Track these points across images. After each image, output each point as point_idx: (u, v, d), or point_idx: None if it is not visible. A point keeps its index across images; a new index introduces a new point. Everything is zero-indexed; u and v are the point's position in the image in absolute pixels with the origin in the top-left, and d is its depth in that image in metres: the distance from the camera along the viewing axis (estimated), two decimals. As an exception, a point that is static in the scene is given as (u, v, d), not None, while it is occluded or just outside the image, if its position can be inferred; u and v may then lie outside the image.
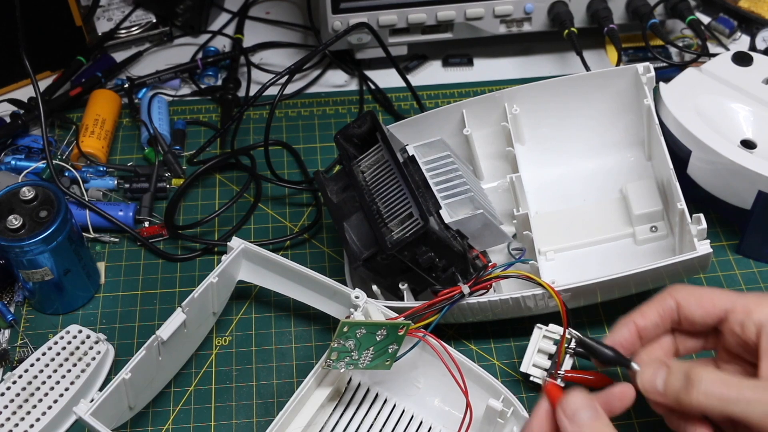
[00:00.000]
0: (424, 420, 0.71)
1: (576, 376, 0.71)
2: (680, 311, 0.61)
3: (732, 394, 0.54)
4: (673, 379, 0.57)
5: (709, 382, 0.55)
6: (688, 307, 0.61)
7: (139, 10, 1.05)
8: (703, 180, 0.81)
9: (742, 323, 0.58)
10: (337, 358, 0.66)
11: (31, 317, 0.80)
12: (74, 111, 0.97)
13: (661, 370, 0.58)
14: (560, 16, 0.96)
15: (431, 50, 1.04)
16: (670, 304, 0.61)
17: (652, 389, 0.58)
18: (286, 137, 0.95)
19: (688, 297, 0.61)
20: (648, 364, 0.59)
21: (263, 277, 0.75)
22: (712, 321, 0.60)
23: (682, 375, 0.56)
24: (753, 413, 0.54)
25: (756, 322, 0.58)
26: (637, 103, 0.82)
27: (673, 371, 0.57)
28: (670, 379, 0.57)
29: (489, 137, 0.85)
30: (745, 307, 0.59)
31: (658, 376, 0.58)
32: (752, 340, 0.58)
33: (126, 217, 0.85)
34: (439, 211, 0.71)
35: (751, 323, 0.58)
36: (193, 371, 0.76)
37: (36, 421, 0.69)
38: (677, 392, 0.56)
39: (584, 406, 0.56)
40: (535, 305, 0.72)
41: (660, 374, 0.58)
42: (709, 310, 0.60)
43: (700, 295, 0.61)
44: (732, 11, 1.03)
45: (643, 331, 0.62)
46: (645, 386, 0.58)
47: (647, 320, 0.61)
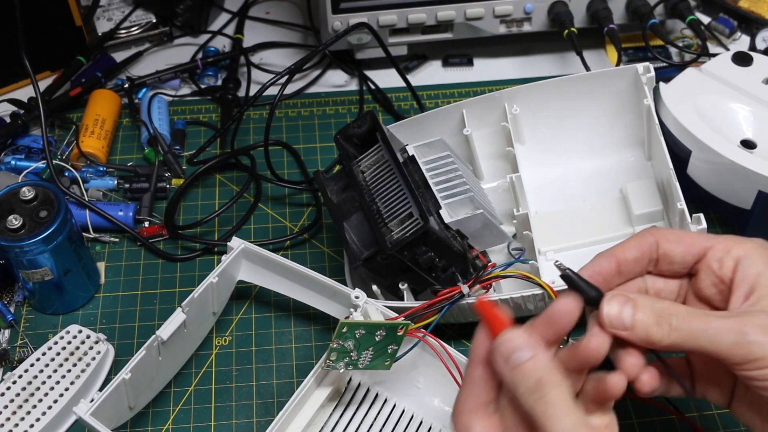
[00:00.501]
0: (424, 420, 0.71)
1: None
2: (660, 248, 0.59)
3: (700, 325, 0.53)
4: (642, 315, 0.54)
5: (679, 316, 0.53)
6: (668, 243, 0.58)
7: (139, 10, 1.05)
8: (703, 180, 0.81)
9: (720, 259, 0.57)
10: (336, 359, 0.66)
11: (31, 317, 0.80)
12: (74, 111, 0.97)
13: (627, 305, 0.54)
14: (560, 16, 0.96)
15: (431, 50, 1.04)
16: (649, 239, 0.59)
17: (619, 324, 0.54)
18: (286, 137, 0.95)
19: (668, 235, 0.59)
20: (613, 298, 0.54)
21: (263, 277, 0.75)
22: (691, 258, 0.58)
23: (651, 310, 0.54)
24: (722, 342, 0.52)
25: (734, 257, 0.57)
26: (637, 103, 0.82)
27: (641, 306, 0.54)
28: (638, 314, 0.54)
29: (489, 137, 0.85)
30: (725, 244, 0.57)
31: (625, 311, 0.54)
32: (728, 276, 0.57)
33: (126, 217, 0.85)
34: (439, 211, 0.71)
35: (729, 258, 0.57)
36: (193, 371, 0.76)
37: (36, 421, 0.69)
38: (647, 328, 0.53)
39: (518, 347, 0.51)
40: (535, 305, 0.72)
41: (626, 309, 0.54)
42: (689, 248, 0.58)
43: (680, 234, 0.59)
44: (732, 11, 1.03)
45: (623, 265, 0.58)
46: (612, 322, 0.54)
47: (627, 253, 0.58)
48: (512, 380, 0.50)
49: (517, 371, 0.50)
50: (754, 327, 0.52)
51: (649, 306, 0.54)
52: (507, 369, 0.51)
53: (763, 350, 0.51)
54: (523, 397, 0.50)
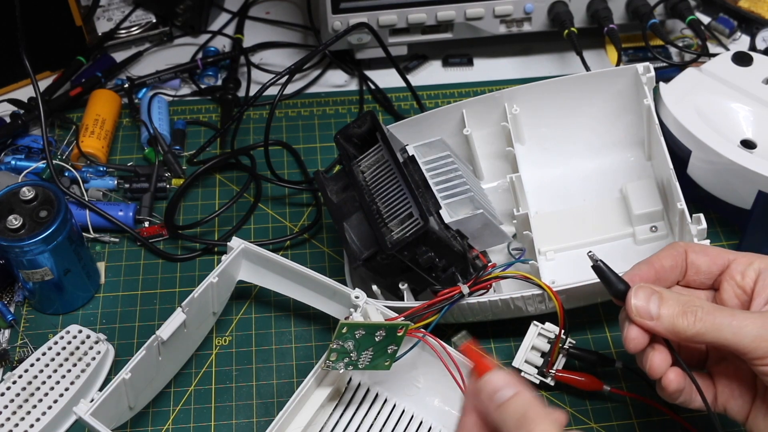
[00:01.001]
0: (424, 420, 0.71)
1: (566, 376, 0.71)
2: (688, 258, 0.62)
3: (725, 318, 0.56)
4: (668, 306, 0.57)
5: (704, 309, 0.57)
6: (694, 254, 0.62)
7: (139, 10, 1.05)
8: (703, 180, 0.81)
9: (743, 271, 0.61)
10: (336, 359, 0.66)
11: (31, 317, 0.80)
12: (74, 111, 0.97)
13: (653, 295, 0.58)
14: (560, 16, 0.96)
15: (431, 50, 1.04)
16: (680, 250, 0.63)
17: (646, 313, 0.57)
18: (286, 137, 0.95)
19: (695, 247, 0.63)
20: (640, 289, 0.58)
21: (263, 277, 0.75)
22: (716, 269, 0.62)
23: (677, 302, 0.57)
24: (745, 336, 0.55)
25: (756, 269, 0.60)
26: (637, 103, 0.82)
27: (667, 298, 0.58)
28: (664, 305, 0.57)
29: (489, 137, 0.85)
30: (748, 257, 0.61)
31: (652, 301, 0.58)
32: (750, 286, 0.60)
33: (126, 217, 0.85)
34: (439, 211, 0.71)
35: (751, 270, 0.61)
36: (193, 371, 0.76)
37: (36, 421, 0.69)
38: (673, 317, 0.57)
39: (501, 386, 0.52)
40: (535, 306, 0.72)
41: (653, 299, 0.58)
42: (714, 259, 0.62)
43: (705, 247, 0.63)
44: (732, 11, 1.03)
45: (660, 272, 0.62)
46: (639, 311, 0.58)
47: (663, 262, 0.62)
48: (500, 418, 0.51)
49: (502, 408, 0.51)
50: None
51: (674, 297, 0.58)
52: (493, 407, 0.51)
53: None
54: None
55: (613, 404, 0.73)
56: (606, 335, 0.77)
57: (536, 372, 0.71)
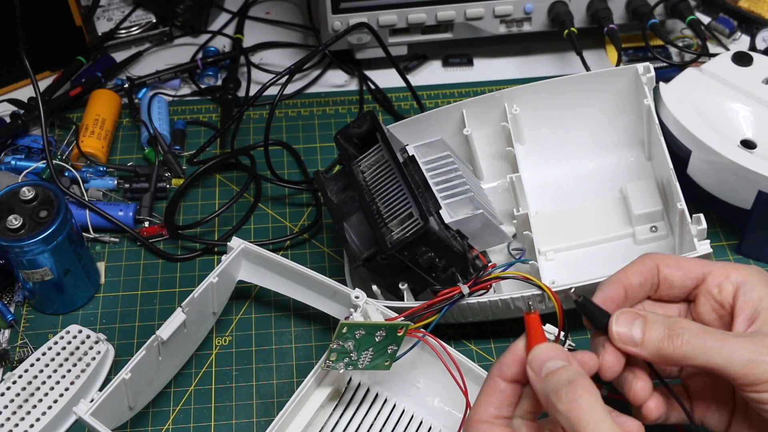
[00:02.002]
0: (424, 420, 0.71)
1: None
2: (660, 273, 0.59)
3: (715, 342, 0.53)
4: (653, 330, 0.54)
5: (692, 331, 0.54)
6: (668, 268, 0.59)
7: (139, 10, 1.05)
8: (703, 180, 0.81)
9: (719, 284, 0.58)
10: (336, 359, 0.66)
11: (31, 317, 0.80)
12: (74, 111, 0.97)
13: (637, 320, 0.55)
14: (560, 16, 0.96)
15: (431, 50, 1.04)
16: (650, 265, 0.59)
17: (628, 340, 0.55)
18: (286, 137, 0.95)
19: (667, 260, 0.60)
20: (622, 314, 0.55)
21: (263, 277, 0.75)
22: (690, 283, 0.59)
23: (663, 325, 0.54)
24: (736, 361, 0.52)
25: (733, 282, 0.57)
26: (637, 103, 0.82)
27: (652, 321, 0.55)
28: (648, 329, 0.54)
29: (489, 137, 0.85)
30: (723, 270, 0.58)
31: (635, 326, 0.55)
32: (728, 301, 0.57)
33: (126, 217, 0.85)
34: (439, 211, 0.71)
35: (728, 283, 0.57)
36: (193, 371, 0.76)
37: (36, 421, 0.69)
38: (657, 342, 0.54)
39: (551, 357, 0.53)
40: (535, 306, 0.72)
41: (636, 324, 0.55)
42: (688, 273, 0.59)
43: (678, 260, 0.60)
44: (732, 11, 1.03)
45: (629, 290, 0.59)
46: (621, 337, 0.55)
47: (631, 278, 0.59)
48: (544, 388, 0.52)
49: (549, 378, 0.52)
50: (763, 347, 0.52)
51: (660, 320, 0.55)
52: (539, 378, 0.52)
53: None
54: (557, 404, 0.50)
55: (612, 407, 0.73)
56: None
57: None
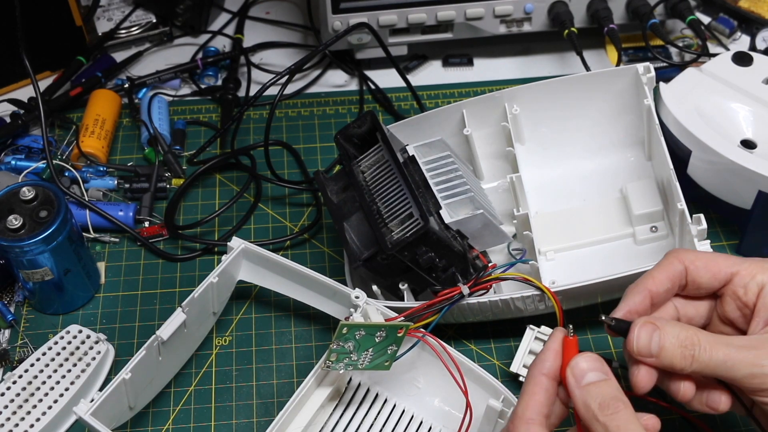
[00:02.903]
0: (424, 420, 0.71)
1: None
2: (688, 275, 0.61)
3: (720, 357, 0.55)
4: (668, 344, 0.56)
5: (701, 346, 0.56)
6: (696, 271, 0.60)
7: (139, 10, 1.05)
8: (703, 180, 0.81)
9: (746, 285, 0.59)
10: (336, 360, 0.66)
11: (31, 317, 0.80)
12: (74, 111, 0.97)
13: (655, 332, 0.57)
14: (560, 16, 0.96)
15: (431, 50, 1.04)
16: (678, 267, 0.61)
17: (646, 353, 0.57)
18: (286, 137, 0.95)
19: (696, 260, 0.61)
20: (643, 327, 0.57)
21: (263, 277, 0.75)
22: (718, 284, 0.60)
23: (677, 339, 0.56)
24: (738, 373, 0.55)
25: (758, 283, 0.59)
26: (637, 103, 0.82)
27: (668, 334, 0.56)
28: (664, 343, 0.56)
29: (489, 137, 0.85)
30: (751, 270, 0.60)
31: (653, 339, 0.57)
32: (752, 301, 0.59)
33: (126, 217, 0.85)
34: (439, 211, 0.71)
35: (754, 284, 0.59)
36: (193, 371, 0.76)
37: (36, 421, 0.69)
38: (671, 357, 0.56)
39: (592, 368, 0.55)
40: (535, 307, 0.72)
41: (654, 337, 0.57)
42: (716, 274, 0.60)
43: (707, 259, 0.61)
44: (732, 11, 1.03)
45: (655, 297, 0.60)
46: (640, 350, 0.57)
47: (659, 285, 0.60)
48: (583, 397, 0.54)
49: (588, 389, 0.54)
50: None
51: (674, 334, 0.56)
52: (578, 387, 0.55)
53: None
54: (594, 414, 0.53)
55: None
56: (605, 335, 0.77)
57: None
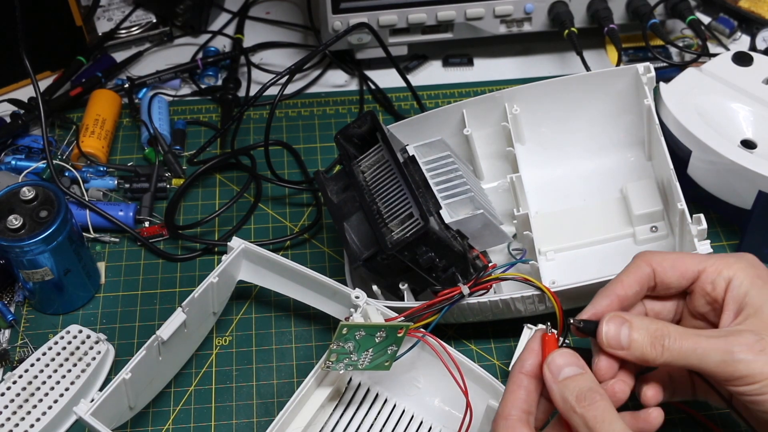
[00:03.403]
0: (424, 420, 0.71)
1: None
2: (656, 277, 0.62)
3: (690, 345, 0.56)
4: (638, 336, 0.57)
5: (671, 337, 0.57)
6: (664, 272, 0.61)
7: (139, 10, 1.05)
8: (703, 180, 0.81)
9: (713, 281, 0.60)
10: (336, 360, 0.66)
11: (31, 317, 0.80)
12: (74, 111, 0.97)
13: (624, 325, 0.58)
14: (560, 16, 0.96)
15: (431, 50, 1.04)
16: (646, 270, 0.62)
17: (616, 345, 0.58)
18: (286, 137, 0.95)
19: (663, 262, 0.62)
20: (610, 320, 0.58)
21: (263, 277, 0.75)
22: (686, 283, 0.61)
23: (646, 331, 0.57)
24: (710, 361, 0.56)
25: (725, 278, 0.60)
26: (637, 103, 0.82)
27: (636, 327, 0.57)
28: (633, 335, 0.57)
29: (489, 137, 0.85)
30: (716, 266, 0.60)
31: (622, 332, 0.58)
32: (720, 296, 0.60)
33: (126, 217, 0.85)
34: (440, 211, 0.71)
35: (720, 280, 0.60)
36: (193, 371, 0.76)
37: (36, 421, 0.69)
38: (642, 348, 0.57)
39: (568, 363, 0.57)
40: (535, 307, 0.72)
41: (624, 330, 0.58)
42: (684, 273, 0.61)
43: (674, 260, 0.62)
44: (732, 11, 1.03)
45: (624, 301, 0.61)
46: (609, 342, 0.58)
47: (628, 289, 0.61)
48: (560, 391, 0.55)
49: (565, 383, 0.56)
50: (740, 346, 0.56)
51: (644, 327, 0.58)
52: (555, 382, 0.56)
53: (749, 368, 0.55)
54: (572, 406, 0.54)
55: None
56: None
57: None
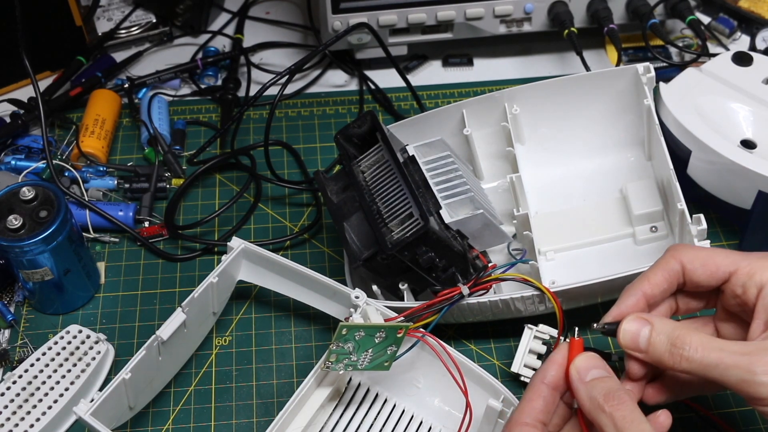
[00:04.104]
0: (424, 420, 0.71)
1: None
2: (685, 274, 0.60)
3: (713, 360, 0.55)
4: (658, 340, 0.56)
5: (693, 347, 0.55)
6: (693, 270, 0.60)
7: (139, 10, 1.06)
8: (703, 180, 0.81)
9: (744, 285, 0.58)
10: (336, 360, 0.66)
11: (31, 317, 0.80)
12: (74, 111, 0.97)
13: (644, 327, 0.57)
14: (560, 16, 0.96)
15: (431, 50, 1.04)
16: (676, 267, 0.60)
17: (634, 347, 0.57)
18: (286, 137, 0.95)
19: (693, 260, 0.60)
20: (631, 321, 0.58)
21: (263, 277, 0.75)
22: (716, 283, 0.60)
23: (666, 337, 0.56)
24: (730, 378, 0.54)
25: (757, 283, 0.58)
26: (637, 103, 0.82)
27: (658, 331, 0.56)
28: (653, 339, 0.56)
29: (489, 137, 0.85)
30: (749, 269, 0.58)
31: (641, 334, 0.57)
32: (752, 301, 0.58)
33: (126, 217, 0.85)
34: (439, 211, 0.71)
35: (752, 284, 0.58)
36: (193, 371, 0.76)
37: (36, 421, 0.69)
38: (660, 354, 0.56)
39: (596, 366, 0.57)
40: (535, 307, 0.72)
41: (643, 332, 0.57)
42: (714, 273, 0.60)
43: (705, 258, 0.60)
44: (732, 11, 1.03)
45: (651, 299, 0.60)
46: (627, 344, 0.57)
47: (655, 287, 0.60)
48: (587, 391, 0.56)
49: (593, 383, 0.55)
50: (763, 366, 0.53)
51: (665, 332, 0.57)
52: (582, 382, 0.56)
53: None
54: (600, 404, 0.54)
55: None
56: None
57: None
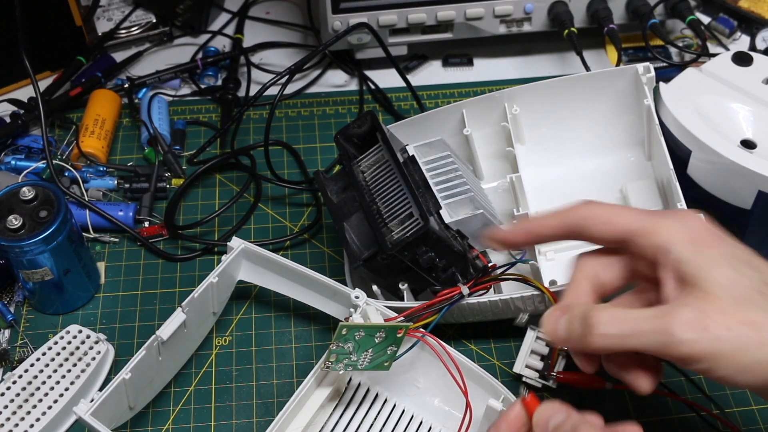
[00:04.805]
0: (424, 420, 0.71)
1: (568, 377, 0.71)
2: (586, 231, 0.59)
3: (627, 330, 0.53)
4: (573, 326, 0.55)
5: (604, 323, 0.53)
6: (595, 227, 0.58)
7: (139, 10, 1.06)
8: (703, 180, 0.81)
9: (642, 246, 0.56)
10: (336, 360, 0.66)
11: (31, 317, 0.80)
12: (74, 111, 0.97)
13: (562, 316, 0.56)
14: (560, 16, 0.96)
15: (431, 50, 1.04)
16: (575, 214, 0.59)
17: (556, 338, 0.56)
18: (286, 137, 0.95)
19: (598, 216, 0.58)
20: (548, 313, 0.57)
21: (263, 277, 0.75)
22: (614, 237, 0.57)
23: (579, 320, 0.55)
24: (651, 344, 0.52)
25: (653, 245, 0.55)
26: (637, 103, 0.82)
27: (572, 317, 0.55)
28: (569, 325, 0.55)
29: (489, 137, 0.85)
30: (644, 230, 0.56)
31: (560, 323, 0.56)
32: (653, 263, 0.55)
33: (126, 217, 0.85)
34: (439, 211, 0.71)
35: (649, 247, 0.55)
36: (193, 371, 0.76)
37: (36, 421, 0.69)
38: (578, 338, 0.55)
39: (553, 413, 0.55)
40: (535, 307, 0.72)
41: (561, 321, 0.56)
42: (613, 229, 0.57)
43: (609, 215, 0.58)
44: (732, 11, 1.03)
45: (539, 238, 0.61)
46: (549, 335, 0.56)
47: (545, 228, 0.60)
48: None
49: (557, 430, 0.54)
50: (679, 325, 0.51)
51: (578, 316, 0.55)
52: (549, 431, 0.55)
53: (692, 349, 0.51)
54: None
55: (616, 401, 0.73)
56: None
57: (537, 376, 0.71)
